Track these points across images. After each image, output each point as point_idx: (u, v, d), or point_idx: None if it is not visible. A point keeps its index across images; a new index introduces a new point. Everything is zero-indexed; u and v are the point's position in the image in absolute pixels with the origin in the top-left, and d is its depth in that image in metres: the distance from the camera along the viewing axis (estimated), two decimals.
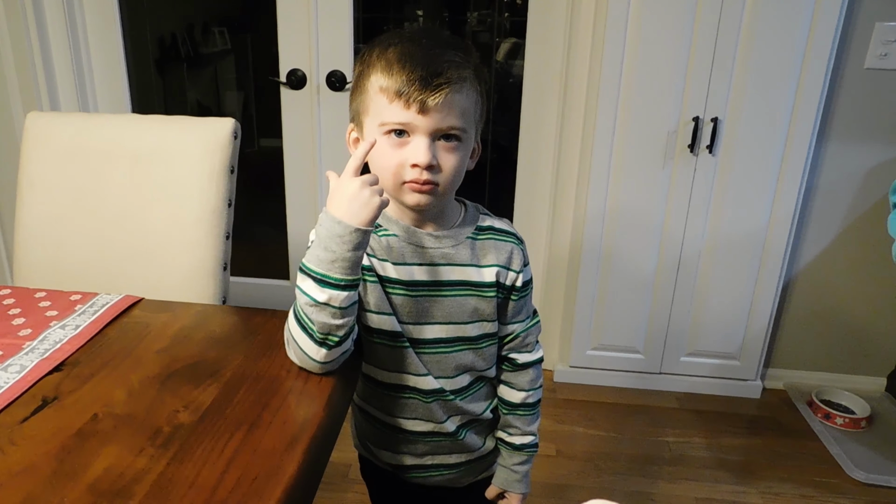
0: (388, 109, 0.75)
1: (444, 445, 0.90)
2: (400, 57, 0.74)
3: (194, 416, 0.67)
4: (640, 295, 1.92)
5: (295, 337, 0.73)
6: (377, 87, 0.75)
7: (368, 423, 0.92)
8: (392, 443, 0.90)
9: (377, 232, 0.81)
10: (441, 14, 2.25)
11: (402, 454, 0.91)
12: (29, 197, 1.17)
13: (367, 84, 0.77)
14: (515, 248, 0.87)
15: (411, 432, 0.88)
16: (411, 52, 0.74)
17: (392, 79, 0.74)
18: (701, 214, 1.81)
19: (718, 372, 1.99)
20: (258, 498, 0.56)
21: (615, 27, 1.66)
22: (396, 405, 0.87)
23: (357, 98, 0.80)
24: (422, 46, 0.75)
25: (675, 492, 1.62)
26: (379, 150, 0.76)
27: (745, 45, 1.64)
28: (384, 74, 0.75)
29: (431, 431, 0.88)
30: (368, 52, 0.79)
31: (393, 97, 0.74)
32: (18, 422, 0.66)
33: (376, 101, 0.76)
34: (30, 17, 1.85)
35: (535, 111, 1.94)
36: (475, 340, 0.86)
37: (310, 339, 0.72)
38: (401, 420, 0.87)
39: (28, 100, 1.91)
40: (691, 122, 1.71)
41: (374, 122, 0.77)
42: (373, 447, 0.93)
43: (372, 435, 0.93)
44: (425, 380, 0.85)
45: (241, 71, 2.36)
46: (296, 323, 0.73)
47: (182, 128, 1.14)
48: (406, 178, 0.76)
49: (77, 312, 0.89)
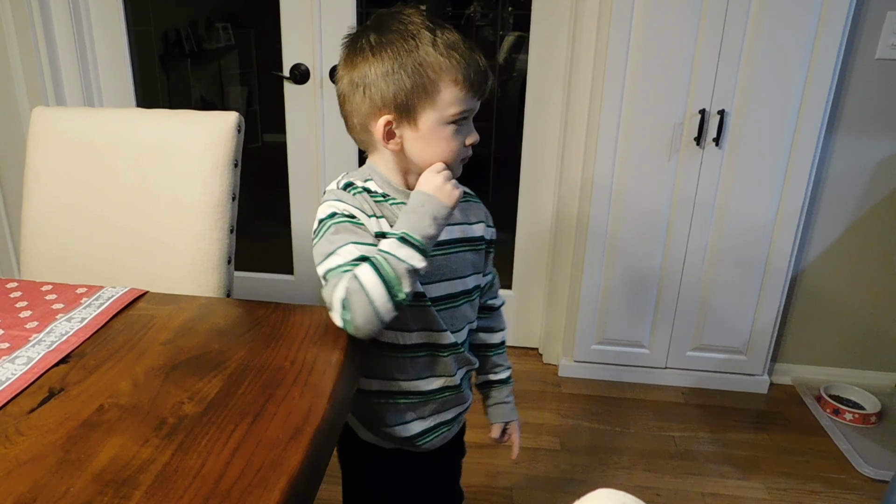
0: (463, 100, 0.81)
1: (449, 400, 0.96)
2: (467, 50, 0.80)
3: (199, 407, 0.67)
4: (646, 289, 1.91)
5: (373, 299, 0.76)
6: (450, 80, 0.80)
7: (380, 401, 0.93)
8: (404, 412, 0.94)
9: (388, 201, 0.86)
10: (444, 8, 2.24)
11: (413, 422, 0.94)
12: (35, 191, 1.17)
13: (431, 75, 0.79)
14: (484, 207, 0.98)
15: (424, 392, 0.93)
16: (464, 43, 0.81)
17: (468, 71, 0.80)
18: (707, 208, 1.80)
19: (725, 367, 1.98)
20: (262, 488, 0.56)
21: (620, 18, 1.65)
22: (414, 366, 0.91)
23: (407, 88, 0.79)
24: (457, 35, 0.82)
25: (681, 487, 1.61)
26: (443, 137, 0.82)
27: (753, 36, 1.63)
28: (459, 68, 0.80)
29: (443, 387, 0.94)
30: (415, 40, 0.79)
31: (468, 88, 0.81)
32: (26, 412, 0.66)
33: (448, 92, 0.80)
34: (35, 13, 1.85)
35: (539, 105, 1.93)
36: (471, 293, 0.94)
37: (391, 300, 0.77)
38: (416, 382, 0.92)
39: (34, 95, 1.92)
40: (698, 115, 1.70)
41: (439, 113, 0.81)
42: (385, 428, 0.94)
43: (384, 413, 0.93)
44: (444, 335, 0.90)
45: (245, 66, 2.36)
46: (380, 285, 0.76)
47: (186, 121, 1.14)
48: (464, 156, 0.86)
49: (83, 305, 0.89)
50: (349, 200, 0.84)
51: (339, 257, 0.79)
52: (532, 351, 2.18)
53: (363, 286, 0.76)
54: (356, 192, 0.85)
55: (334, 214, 0.82)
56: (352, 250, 0.79)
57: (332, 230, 0.81)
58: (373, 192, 0.86)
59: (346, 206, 0.83)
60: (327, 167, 2.05)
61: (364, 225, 0.82)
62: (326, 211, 0.83)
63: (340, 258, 0.79)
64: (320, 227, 0.83)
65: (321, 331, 0.83)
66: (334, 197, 0.84)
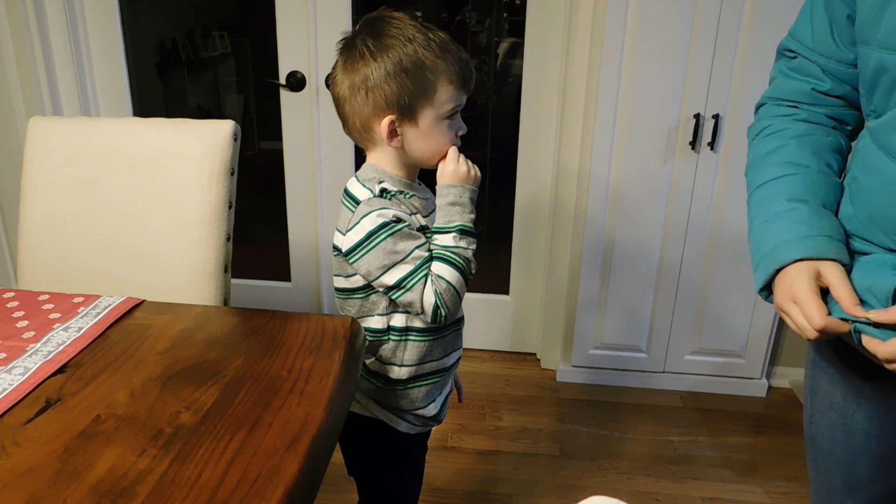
0: (455, 96, 0.88)
1: (454, 371, 1.04)
2: (453, 47, 0.87)
3: (196, 417, 0.67)
4: (643, 293, 1.92)
5: (459, 289, 0.88)
6: (446, 80, 0.86)
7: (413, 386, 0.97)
8: (433, 392, 0.99)
9: (407, 196, 0.92)
10: (440, 14, 2.25)
11: (437, 398, 1.01)
12: (32, 201, 1.17)
13: (430, 77, 0.86)
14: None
15: (448, 367, 1.00)
16: (452, 43, 0.88)
17: (459, 69, 0.87)
18: (703, 211, 1.81)
19: (723, 370, 1.98)
20: (259, 498, 0.56)
21: (614, 24, 1.66)
22: (443, 345, 0.98)
23: (407, 90, 0.85)
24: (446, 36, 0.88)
25: (680, 491, 1.61)
26: (440, 132, 0.89)
27: (746, 41, 1.64)
28: (452, 68, 0.86)
29: (458, 359, 1.03)
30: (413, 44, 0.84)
31: (459, 85, 0.88)
32: (22, 423, 0.66)
33: (443, 91, 0.87)
34: (31, 22, 1.85)
35: (534, 110, 1.94)
36: None
37: (467, 283, 0.89)
38: (444, 359, 0.99)
39: (31, 105, 1.92)
40: (692, 119, 1.71)
41: (436, 110, 0.88)
42: (419, 411, 0.98)
43: (417, 397, 0.98)
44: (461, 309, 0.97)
45: (241, 74, 2.36)
46: (460, 277, 0.88)
47: (182, 130, 1.15)
48: (454, 145, 0.92)
49: (80, 315, 0.89)
50: (393, 206, 0.88)
51: (409, 264, 0.86)
52: (530, 356, 2.18)
53: (450, 283, 0.87)
54: (391, 196, 0.90)
55: (385, 224, 0.85)
56: (419, 254, 0.87)
57: (389, 241, 0.85)
58: (396, 192, 0.91)
59: (393, 212, 0.87)
60: (324, 174, 2.06)
61: (412, 225, 0.88)
62: (375, 222, 0.85)
63: (411, 264, 0.86)
64: (371, 238, 0.86)
65: (318, 339, 0.83)
66: (378, 206, 0.87)
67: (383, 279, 0.87)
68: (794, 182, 0.75)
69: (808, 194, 0.74)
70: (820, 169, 0.76)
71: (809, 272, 0.68)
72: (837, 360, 0.80)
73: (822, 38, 0.76)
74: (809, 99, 0.79)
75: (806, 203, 0.73)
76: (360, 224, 0.86)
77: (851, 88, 0.76)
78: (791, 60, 0.82)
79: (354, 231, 0.86)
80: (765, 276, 0.73)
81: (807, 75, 0.79)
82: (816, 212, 0.73)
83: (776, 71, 0.85)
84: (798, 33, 0.80)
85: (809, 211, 0.73)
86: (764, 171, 0.79)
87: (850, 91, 0.77)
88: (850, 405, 0.79)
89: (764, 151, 0.80)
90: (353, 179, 0.93)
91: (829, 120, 0.79)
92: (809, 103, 0.79)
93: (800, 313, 0.68)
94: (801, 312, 0.67)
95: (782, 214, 0.74)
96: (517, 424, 1.85)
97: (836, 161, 0.78)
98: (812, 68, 0.78)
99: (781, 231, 0.73)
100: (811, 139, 0.78)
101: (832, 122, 0.79)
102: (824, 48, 0.76)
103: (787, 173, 0.76)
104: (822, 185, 0.75)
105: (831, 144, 0.78)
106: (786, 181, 0.76)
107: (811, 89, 0.79)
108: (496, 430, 1.82)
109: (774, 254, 0.72)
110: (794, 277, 0.69)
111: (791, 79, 0.81)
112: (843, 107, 0.78)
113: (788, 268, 0.70)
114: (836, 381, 0.80)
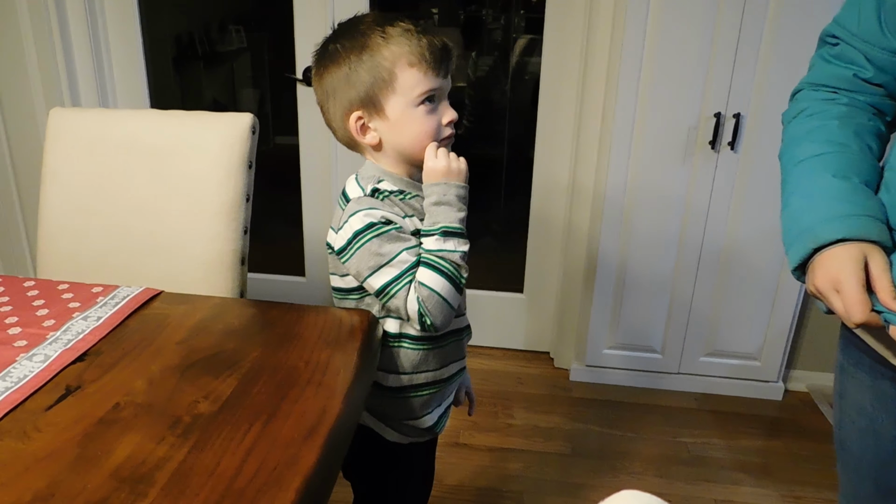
0: (424, 80, 0.83)
1: (457, 382, 1.00)
2: (417, 33, 0.83)
3: (214, 406, 0.67)
4: (659, 293, 1.90)
5: (445, 296, 0.82)
6: (405, 63, 0.82)
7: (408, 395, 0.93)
8: (429, 402, 0.95)
9: (407, 197, 0.88)
10: (456, 11, 2.25)
11: (434, 410, 0.97)
12: (51, 191, 1.18)
13: (386, 64, 0.82)
14: None
15: (446, 379, 0.96)
16: (421, 28, 0.83)
17: (422, 52, 0.82)
18: (721, 212, 1.79)
19: (738, 373, 1.96)
20: (277, 487, 0.56)
21: (635, 21, 1.65)
22: (441, 355, 0.93)
23: (366, 83, 0.83)
24: (415, 23, 0.84)
25: (693, 493, 1.60)
26: (415, 120, 0.84)
27: (769, 38, 1.61)
28: (411, 51, 0.82)
29: (459, 370, 0.98)
30: (362, 39, 0.83)
31: (426, 68, 0.83)
32: (43, 409, 0.67)
33: (405, 76, 0.82)
34: (52, 15, 1.87)
35: (551, 108, 1.93)
36: None
37: (457, 289, 0.83)
38: (442, 370, 0.94)
39: (50, 97, 1.94)
40: (713, 118, 1.69)
41: (404, 97, 0.83)
42: (411, 421, 0.95)
43: (411, 407, 0.95)
44: (462, 318, 0.95)
45: (258, 69, 2.37)
46: (445, 282, 0.82)
47: (200, 122, 1.15)
48: (443, 136, 0.87)
49: (99, 304, 0.89)
50: (381, 207, 0.84)
51: (394, 268, 0.81)
52: (543, 355, 2.17)
53: (433, 290, 0.81)
54: (384, 197, 0.85)
55: (372, 225, 0.82)
56: (406, 258, 0.82)
57: (375, 242, 0.81)
58: (392, 192, 0.87)
59: (382, 213, 0.83)
60: (339, 170, 2.06)
61: (402, 227, 0.84)
62: (362, 221, 0.82)
63: (396, 269, 0.81)
64: (357, 239, 0.82)
65: (335, 331, 0.83)
66: (367, 205, 0.83)
67: (370, 282, 0.83)
68: (837, 159, 0.72)
69: (851, 171, 0.71)
70: (860, 149, 0.73)
71: (857, 259, 0.64)
72: (865, 365, 0.78)
73: (869, 23, 0.74)
74: (850, 85, 0.77)
75: (848, 180, 0.70)
76: (349, 223, 0.83)
77: (893, 78, 0.75)
78: (833, 48, 0.79)
79: (343, 230, 0.84)
80: (801, 254, 0.69)
81: (849, 62, 0.77)
82: (859, 190, 0.69)
83: (816, 58, 0.82)
84: (843, 19, 0.78)
85: (852, 188, 0.69)
86: (804, 149, 0.76)
87: (892, 81, 0.75)
88: (878, 411, 0.77)
89: (804, 131, 0.78)
90: (352, 177, 0.90)
91: (869, 107, 0.77)
92: (850, 90, 0.77)
93: (841, 303, 0.65)
94: (844, 303, 0.64)
95: (823, 191, 0.70)
96: (529, 423, 1.84)
97: (876, 145, 0.75)
98: (855, 55, 0.76)
99: (821, 208, 0.69)
100: (852, 121, 0.75)
101: (873, 109, 0.77)
102: (869, 34, 0.74)
103: (828, 151, 0.73)
104: (864, 163, 0.72)
105: (872, 128, 0.75)
106: (827, 158, 0.73)
107: (853, 75, 0.76)
108: (508, 428, 1.82)
109: (812, 231, 0.68)
110: (841, 264, 0.65)
111: (832, 65, 0.79)
112: (884, 96, 0.76)
113: (832, 250, 0.66)
114: (863, 387, 0.78)
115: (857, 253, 0.65)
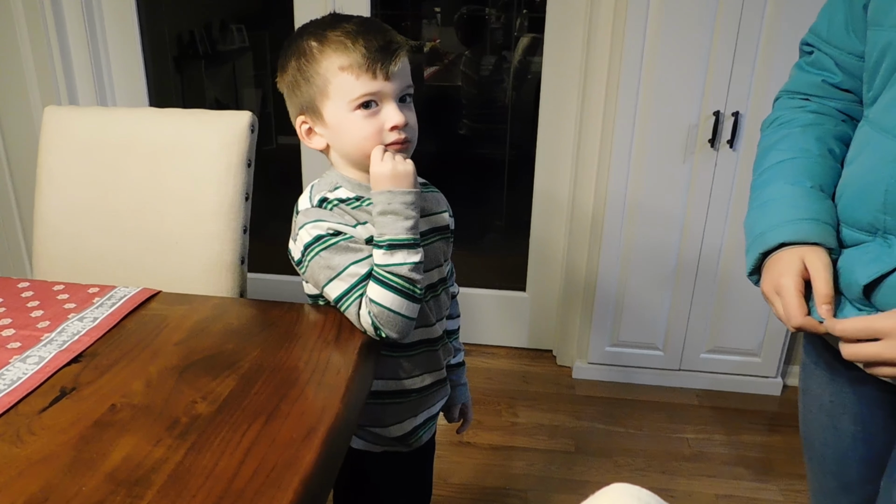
0: (357, 84, 0.79)
1: (436, 394, 0.96)
2: (351, 34, 0.79)
3: (212, 407, 0.67)
4: (660, 291, 1.89)
5: (395, 309, 0.78)
6: (336, 68, 0.80)
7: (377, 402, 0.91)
8: (400, 412, 0.92)
9: (365, 203, 0.84)
10: (459, 10, 2.24)
11: (406, 420, 0.93)
12: (48, 190, 1.17)
13: (319, 70, 0.81)
14: (443, 196, 0.97)
15: (419, 389, 0.92)
16: (358, 29, 0.80)
17: (354, 55, 0.79)
18: (722, 210, 1.78)
19: (739, 369, 1.96)
20: (276, 488, 0.55)
21: (635, 20, 1.64)
22: (411, 365, 0.91)
23: (305, 89, 0.83)
24: (360, 22, 0.81)
25: (695, 489, 1.59)
26: (353, 125, 0.81)
27: (768, 37, 1.61)
28: (342, 54, 0.79)
29: (434, 382, 0.94)
30: (299, 44, 0.82)
31: (359, 71, 0.79)
32: (37, 412, 0.66)
33: (338, 81, 0.80)
34: (48, 11, 1.85)
35: (553, 107, 1.92)
36: (446, 280, 0.95)
37: (412, 301, 0.79)
38: (413, 379, 0.91)
39: (46, 95, 1.92)
40: (712, 117, 1.68)
41: (339, 102, 0.81)
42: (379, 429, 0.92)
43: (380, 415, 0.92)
44: (434, 328, 0.92)
45: (259, 68, 2.36)
46: (396, 297, 0.78)
47: (199, 121, 1.14)
48: (387, 141, 0.82)
49: (95, 305, 0.89)
50: (329, 217, 0.82)
51: (343, 282, 0.80)
52: (546, 353, 2.16)
53: (383, 306, 0.78)
54: (332, 206, 0.84)
55: (320, 237, 0.80)
56: (354, 271, 0.80)
57: (323, 255, 0.80)
58: (346, 199, 0.85)
59: (329, 224, 0.81)
60: None
61: (353, 237, 0.81)
62: (310, 234, 0.81)
63: (345, 283, 0.80)
64: (307, 252, 0.81)
65: (335, 331, 0.83)
66: (314, 217, 0.82)
67: (326, 293, 0.82)
68: (794, 166, 0.75)
69: (805, 177, 0.73)
70: (821, 153, 0.75)
71: (797, 264, 0.67)
72: (824, 363, 0.79)
73: (837, 28, 0.76)
74: (821, 91, 0.79)
75: (801, 186, 0.73)
76: (299, 236, 0.82)
77: (861, 83, 0.76)
78: (808, 56, 0.82)
79: (295, 244, 0.83)
80: (752, 260, 0.73)
81: (820, 69, 0.79)
82: (809, 194, 0.72)
83: (794, 66, 0.85)
84: (816, 27, 0.81)
85: (803, 193, 0.72)
86: (769, 158, 0.79)
87: (860, 86, 0.76)
88: (836, 408, 0.79)
89: (772, 141, 0.81)
90: (309, 185, 0.89)
91: (838, 113, 0.79)
92: (820, 96, 0.79)
93: (781, 308, 0.67)
94: (783, 308, 0.67)
95: (775, 198, 0.74)
96: (533, 421, 1.83)
97: (839, 148, 0.77)
98: (826, 61, 0.78)
99: (772, 214, 0.72)
100: (817, 127, 0.78)
101: (842, 115, 0.79)
102: (837, 39, 0.76)
103: (787, 158, 0.76)
104: (821, 167, 0.74)
105: (837, 133, 0.77)
106: (785, 165, 0.76)
107: (822, 81, 0.79)
108: (512, 426, 1.81)
109: (763, 237, 0.72)
110: (782, 269, 0.68)
111: (805, 72, 0.81)
112: (853, 101, 0.78)
113: (778, 254, 0.70)
114: (823, 384, 0.80)
115: (796, 257, 0.68)
